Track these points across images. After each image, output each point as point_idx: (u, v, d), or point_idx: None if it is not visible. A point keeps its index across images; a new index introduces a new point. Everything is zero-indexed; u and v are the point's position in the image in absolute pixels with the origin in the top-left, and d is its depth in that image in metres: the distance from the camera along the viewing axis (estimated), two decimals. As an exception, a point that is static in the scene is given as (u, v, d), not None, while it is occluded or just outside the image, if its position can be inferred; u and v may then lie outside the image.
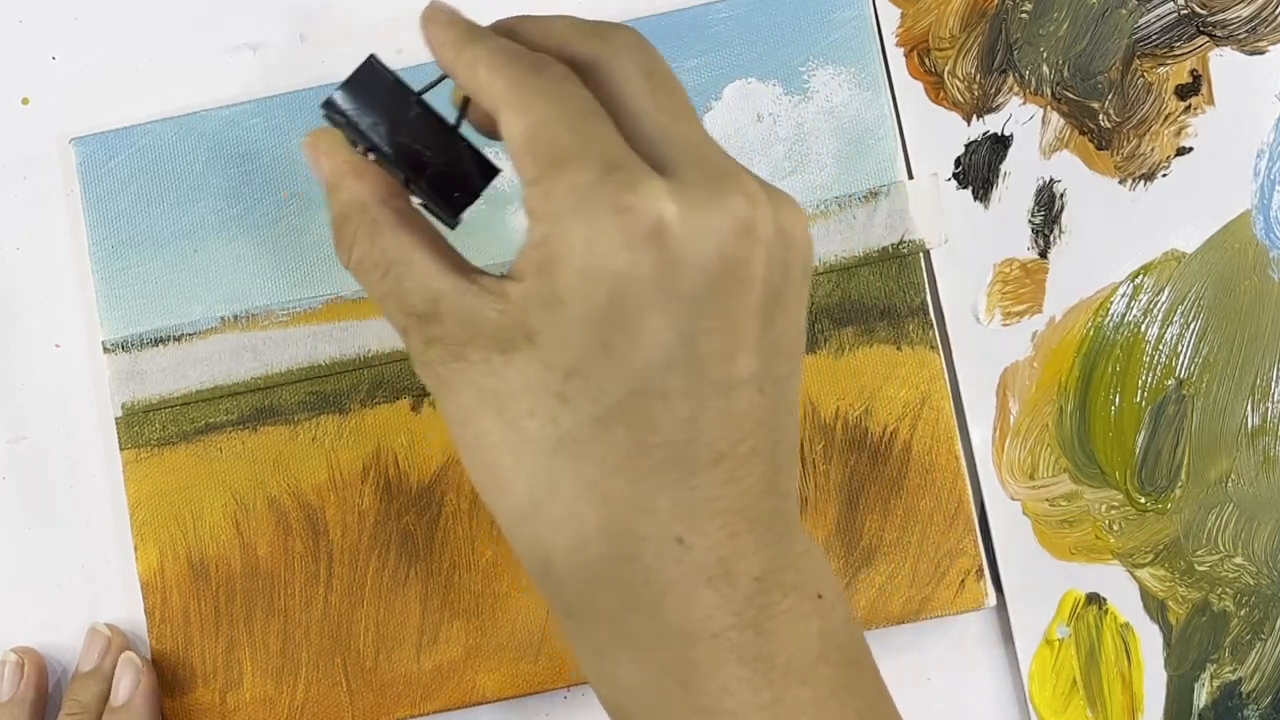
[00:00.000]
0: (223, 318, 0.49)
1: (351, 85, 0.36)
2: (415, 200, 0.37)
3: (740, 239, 0.31)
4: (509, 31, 0.35)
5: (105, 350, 0.49)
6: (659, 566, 0.32)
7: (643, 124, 0.33)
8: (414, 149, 0.36)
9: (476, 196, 0.36)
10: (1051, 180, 0.50)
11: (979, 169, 0.50)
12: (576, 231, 0.31)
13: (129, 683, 0.48)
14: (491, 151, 0.38)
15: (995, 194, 0.50)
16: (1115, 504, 0.49)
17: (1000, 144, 0.50)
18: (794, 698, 0.33)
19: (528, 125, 0.32)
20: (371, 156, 0.36)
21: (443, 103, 0.37)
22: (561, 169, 0.31)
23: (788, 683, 0.33)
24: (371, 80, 0.36)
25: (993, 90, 0.51)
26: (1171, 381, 0.50)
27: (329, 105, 0.36)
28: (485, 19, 0.36)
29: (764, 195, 0.32)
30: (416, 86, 0.36)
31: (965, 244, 0.50)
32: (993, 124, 0.50)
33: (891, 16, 0.51)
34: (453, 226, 0.36)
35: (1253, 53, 0.50)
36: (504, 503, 0.33)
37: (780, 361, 0.33)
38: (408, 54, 0.51)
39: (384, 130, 0.36)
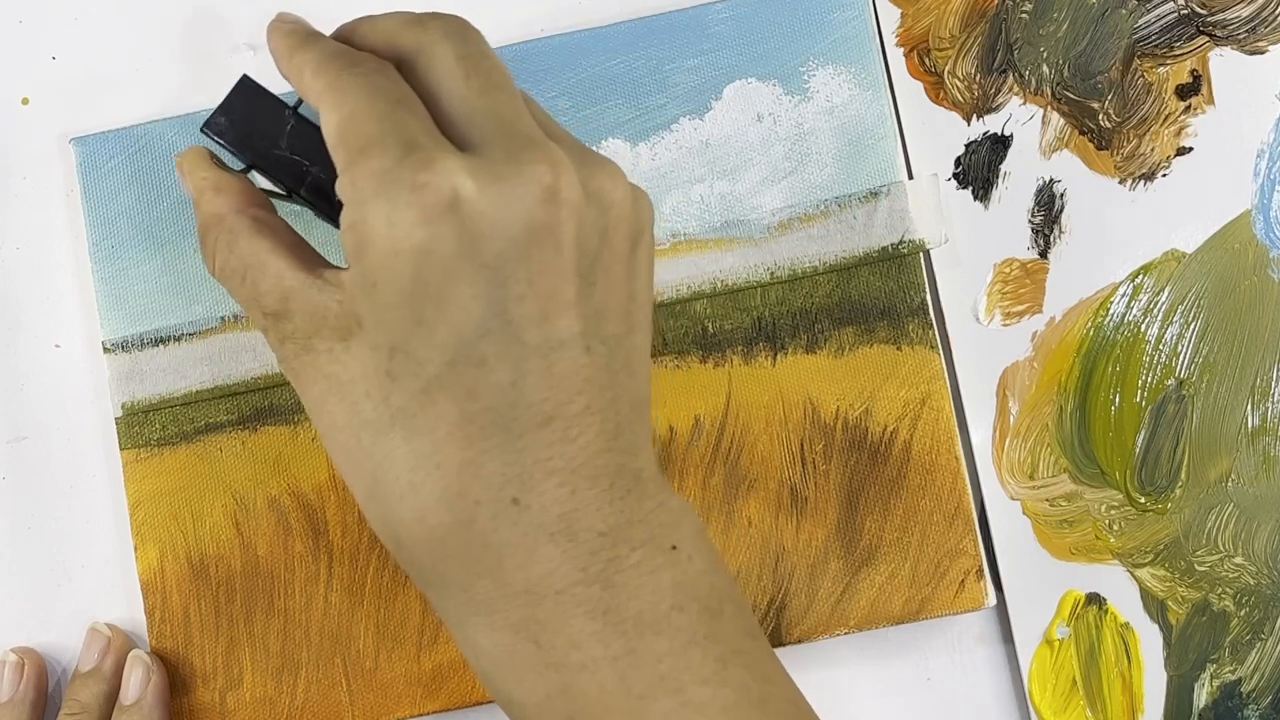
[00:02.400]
0: (223, 318, 0.49)
1: (229, 105, 0.39)
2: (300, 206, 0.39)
3: (544, 205, 0.33)
4: (345, 35, 0.37)
5: (105, 350, 0.49)
6: (495, 528, 0.33)
7: (453, 105, 0.34)
8: (292, 160, 0.38)
9: None
10: (1051, 180, 0.50)
11: (979, 169, 0.50)
12: (378, 213, 0.32)
13: (139, 680, 0.48)
14: None
15: (995, 194, 0.50)
16: (1115, 504, 0.49)
17: (1000, 144, 0.50)
18: (648, 647, 0.34)
19: (339, 119, 0.34)
20: (251, 170, 0.38)
21: None
22: (364, 156, 0.33)
23: (640, 633, 0.34)
24: (248, 98, 0.39)
25: (993, 90, 0.51)
26: (1171, 381, 0.50)
27: (209, 126, 0.39)
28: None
29: (568, 162, 0.34)
30: (293, 101, 0.39)
31: (965, 244, 0.50)
32: (993, 124, 0.51)
33: (891, 16, 0.51)
34: (337, 226, 0.38)
35: (1253, 53, 0.50)
36: (355, 484, 0.35)
37: (608, 322, 0.34)
38: (408, 54, 0.51)
39: (262, 145, 0.38)
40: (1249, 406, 0.49)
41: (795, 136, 0.50)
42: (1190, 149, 0.50)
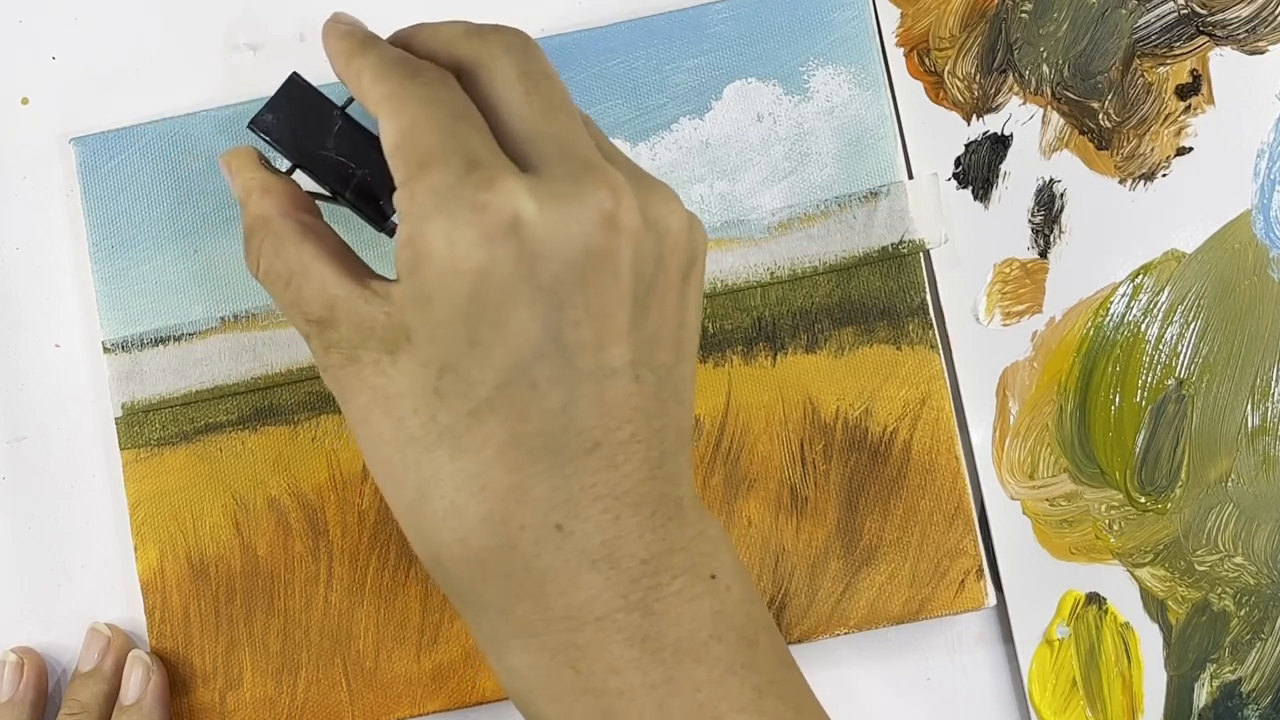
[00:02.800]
0: (223, 318, 0.49)
1: (276, 103, 0.38)
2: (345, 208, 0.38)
3: (603, 231, 0.32)
4: (404, 40, 0.37)
5: (105, 350, 0.49)
6: (539, 553, 0.33)
7: (514, 123, 0.34)
8: (338, 161, 0.37)
9: None
10: (1051, 180, 0.50)
11: (979, 169, 0.50)
12: (437, 230, 0.32)
13: (139, 680, 0.48)
14: None
15: (995, 194, 0.50)
16: (1115, 504, 0.49)
17: (1000, 144, 0.50)
18: (687, 675, 0.34)
19: (399, 129, 0.33)
20: (298, 170, 0.38)
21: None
22: (425, 170, 0.32)
23: (679, 661, 0.34)
24: (296, 97, 0.38)
25: (993, 90, 0.51)
26: (1171, 381, 0.50)
27: (256, 123, 0.38)
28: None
29: (629, 188, 0.33)
30: (341, 100, 0.38)
31: (965, 244, 0.50)
32: (993, 124, 0.51)
33: (891, 16, 0.51)
34: (383, 232, 0.38)
35: (1253, 53, 0.50)
36: (396, 499, 0.34)
37: (659, 351, 0.34)
38: (408, 54, 0.51)
39: (309, 145, 0.38)
40: (1249, 406, 0.49)
41: (795, 136, 0.50)
42: (1190, 149, 0.50)
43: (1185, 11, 0.50)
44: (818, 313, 0.50)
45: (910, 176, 0.50)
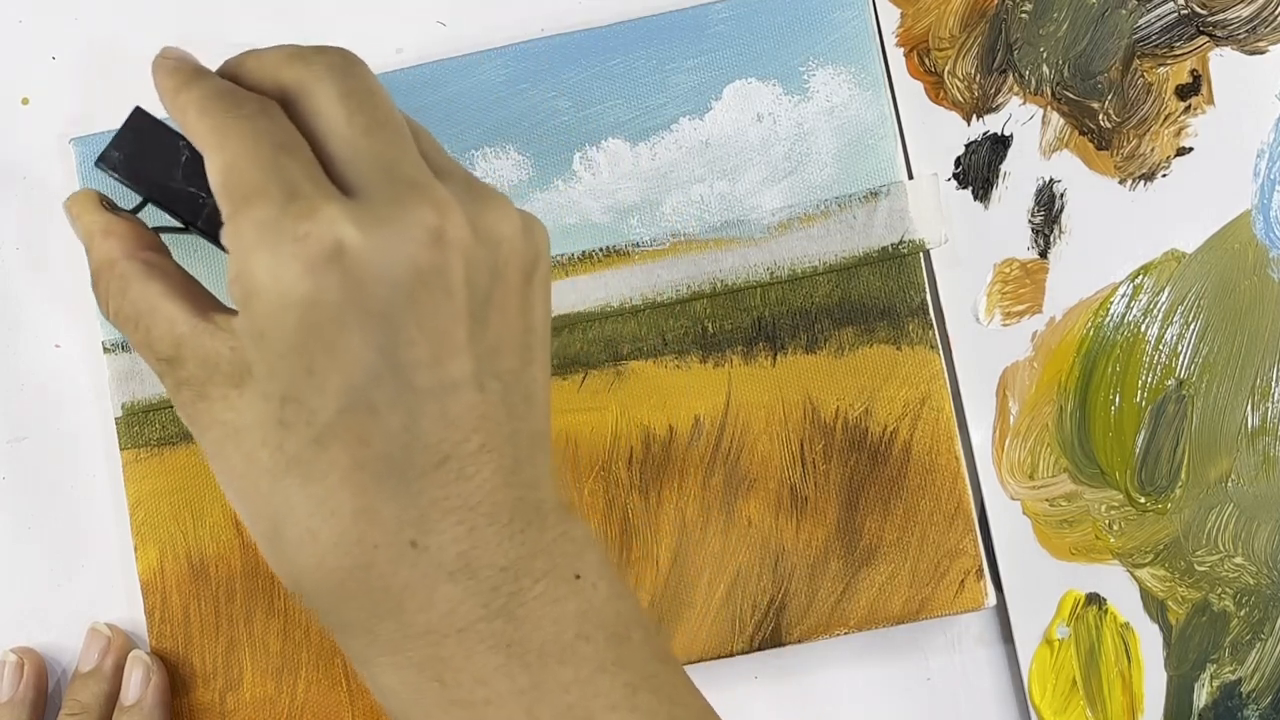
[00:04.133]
0: (223, 318, 0.49)
1: (121, 139, 0.38)
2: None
3: (430, 249, 0.33)
4: (231, 71, 0.36)
5: (105, 350, 0.49)
6: (395, 571, 0.33)
7: (336, 146, 0.34)
8: (188, 192, 0.37)
9: None
10: (1051, 180, 0.50)
11: (979, 169, 0.50)
12: (262, 264, 0.32)
13: (139, 681, 0.48)
14: None
15: (995, 194, 0.50)
16: (1115, 504, 0.49)
17: (1000, 144, 0.50)
18: (554, 678, 0.34)
19: (222, 164, 0.33)
20: (147, 203, 0.38)
21: None
22: (248, 204, 0.32)
23: (545, 664, 0.34)
24: (142, 130, 0.38)
25: (993, 90, 0.51)
26: (1171, 381, 0.50)
27: (103, 160, 0.38)
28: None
29: (455, 202, 0.33)
30: None
31: (965, 244, 0.50)
32: (993, 124, 0.51)
33: (891, 16, 0.51)
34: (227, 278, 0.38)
35: (1253, 53, 0.50)
36: (256, 531, 0.35)
37: (503, 358, 0.34)
38: (407, 53, 0.51)
39: (157, 178, 0.37)
40: (1249, 406, 0.49)
41: (795, 136, 0.50)
42: (1190, 149, 0.50)
43: (1185, 11, 0.50)
44: (818, 313, 0.50)
45: (910, 176, 0.50)
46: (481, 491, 0.34)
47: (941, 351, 0.50)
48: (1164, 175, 0.50)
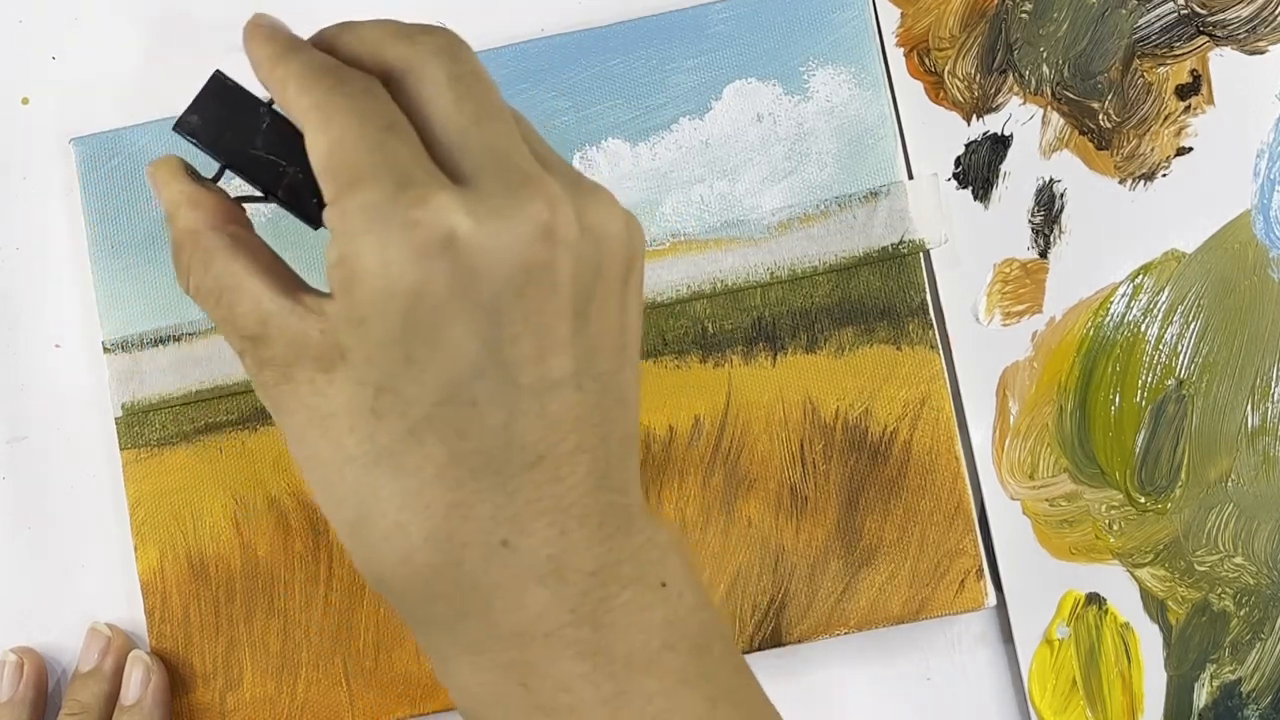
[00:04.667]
0: (223, 318, 0.49)
1: (201, 103, 0.37)
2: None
3: (540, 244, 0.32)
4: (328, 43, 0.35)
5: (105, 350, 0.49)
6: (485, 570, 0.33)
7: (445, 131, 0.33)
8: (268, 160, 0.36)
9: None
10: (1051, 180, 0.50)
11: (979, 169, 0.50)
12: (370, 249, 0.31)
13: (139, 681, 0.48)
14: None
15: (995, 194, 0.50)
16: (1115, 504, 0.49)
17: (1000, 144, 0.50)
18: (638, 688, 0.33)
19: (327, 144, 0.32)
20: (226, 170, 0.37)
21: None
22: (355, 188, 0.31)
23: (630, 674, 0.33)
24: (221, 96, 0.37)
25: (993, 90, 0.51)
26: (1171, 381, 0.50)
27: (181, 126, 0.37)
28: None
29: (565, 197, 0.33)
30: (267, 96, 0.36)
31: (965, 244, 0.50)
32: (993, 124, 0.51)
33: (891, 16, 0.51)
34: (317, 229, 0.37)
35: (1253, 53, 0.50)
36: (338, 520, 0.34)
37: (601, 358, 0.34)
38: (408, 54, 0.51)
39: (237, 145, 0.36)
40: (1249, 406, 0.49)
41: (795, 136, 0.50)
42: (1190, 149, 0.50)
43: (1185, 11, 0.50)
44: (818, 313, 0.50)
45: (910, 176, 0.50)
46: (574, 494, 0.33)
47: (941, 351, 0.50)
48: (1164, 175, 0.50)
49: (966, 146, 0.51)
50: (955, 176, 0.51)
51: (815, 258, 0.49)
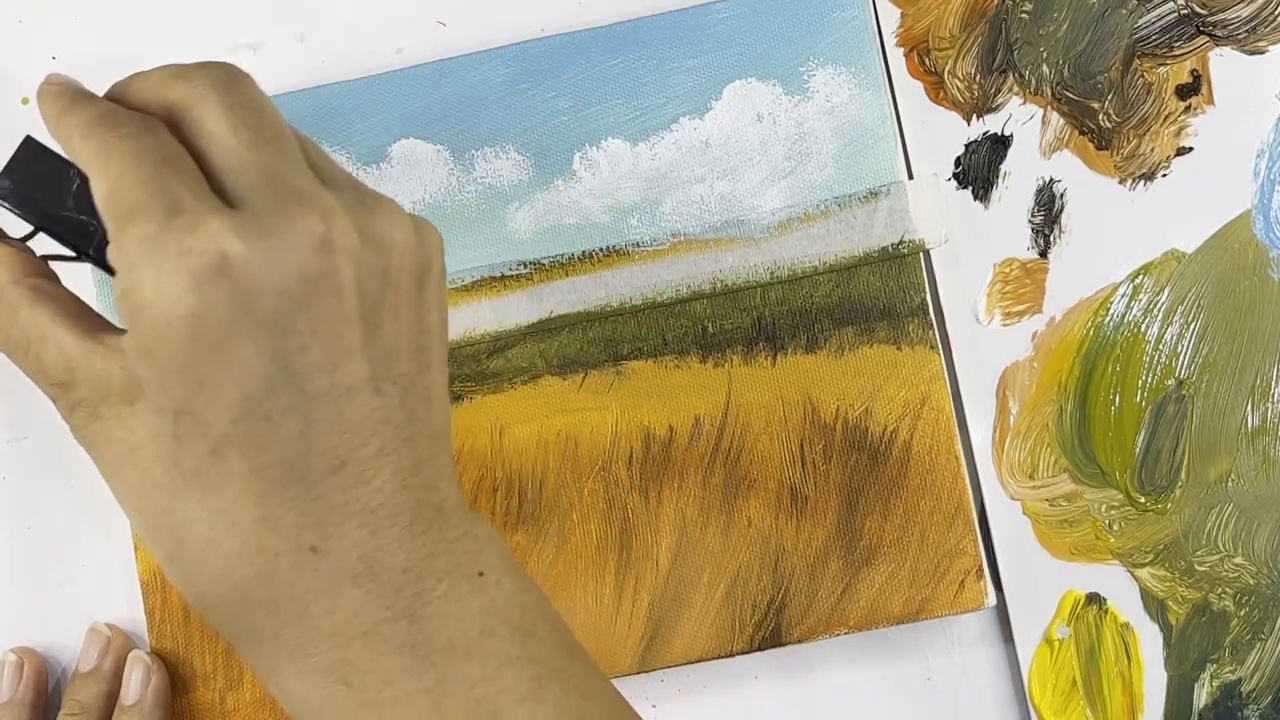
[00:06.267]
0: (223, 318, 0.49)
1: (12, 167, 0.37)
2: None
3: (317, 255, 0.33)
4: (119, 93, 0.37)
5: (105, 350, 0.49)
6: (298, 577, 0.33)
7: (222, 158, 0.34)
8: (79, 220, 0.37)
9: None
10: (1051, 180, 0.50)
11: (979, 169, 0.50)
12: (147, 280, 0.32)
13: (139, 681, 0.48)
14: None
15: (995, 194, 0.50)
16: (1115, 504, 0.49)
17: (1000, 144, 0.50)
18: (459, 674, 0.34)
19: (106, 184, 0.33)
20: (39, 232, 0.37)
21: None
22: (130, 223, 0.32)
23: (450, 661, 0.34)
24: (32, 159, 0.37)
25: (993, 90, 0.51)
26: (1171, 381, 0.50)
27: None
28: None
29: (340, 209, 0.33)
30: None
31: (965, 244, 0.50)
32: (993, 124, 0.51)
33: (891, 16, 0.51)
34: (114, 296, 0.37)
35: (1253, 53, 0.50)
36: (155, 546, 0.35)
37: (399, 361, 0.35)
38: (408, 53, 0.51)
39: (49, 206, 0.37)
40: (1249, 406, 0.49)
41: (795, 136, 0.50)
42: (1190, 149, 0.50)
43: (1185, 11, 0.50)
44: (818, 313, 0.50)
45: (910, 176, 0.50)
46: (382, 494, 0.34)
47: (941, 351, 0.50)
48: (1164, 175, 0.50)
49: (966, 146, 0.51)
50: (955, 176, 0.51)
51: (815, 258, 0.49)
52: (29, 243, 0.38)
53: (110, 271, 0.37)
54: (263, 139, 0.34)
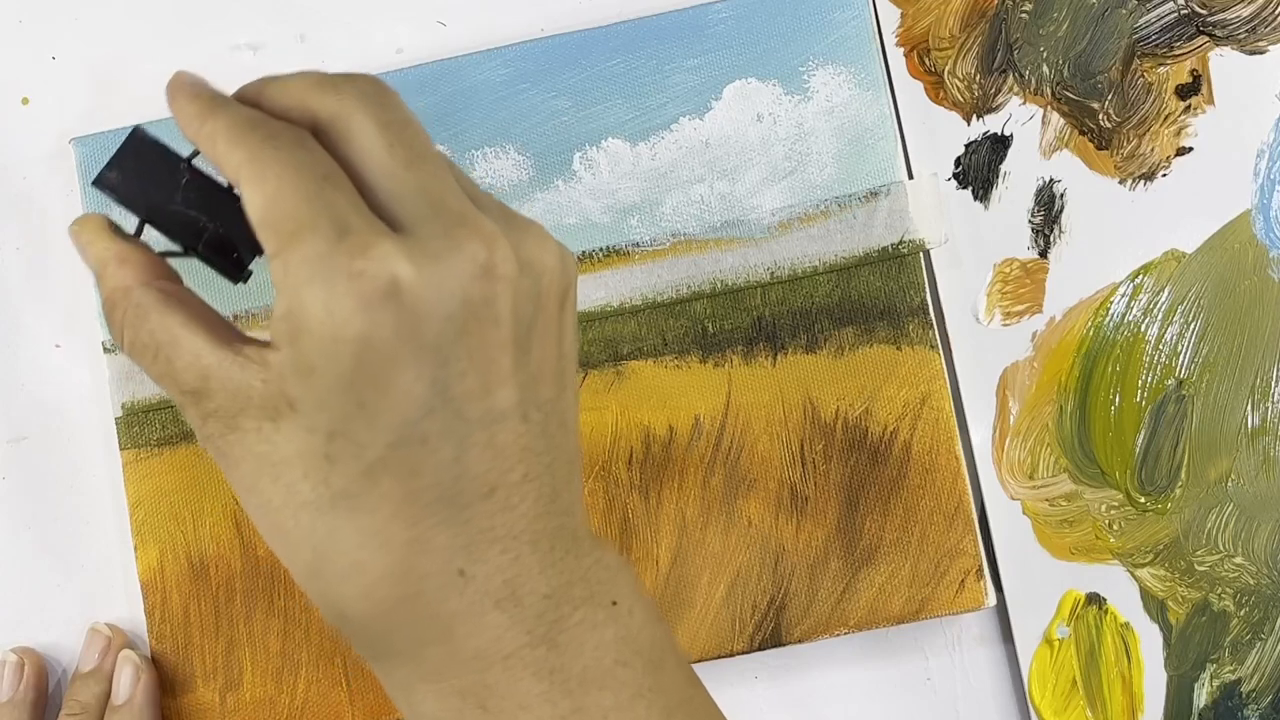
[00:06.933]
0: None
1: (121, 159, 0.37)
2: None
3: (481, 282, 0.33)
4: (254, 97, 0.36)
5: (105, 350, 0.49)
6: (444, 599, 0.33)
7: (378, 177, 0.33)
8: (189, 215, 0.36)
9: (257, 254, 0.36)
10: (1051, 180, 0.50)
11: (979, 169, 0.50)
12: (315, 301, 0.32)
13: (129, 680, 0.48)
14: None
15: (995, 194, 0.50)
16: (1115, 504, 0.49)
17: (1000, 144, 0.50)
18: (594, 703, 0.34)
19: (264, 199, 0.33)
20: (148, 227, 0.37)
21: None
22: (296, 241, 0.32)
23: (586, 690, 0.34)
24: (140, 151, 0.37)
25: (993, 90, 0.51)
26: (1171, 381, 0.50)
27: (100, 182, 0.37)
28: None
29: (501, 235, 0.33)
30: (186, 151, 0.37)
31: (965, 244, 0.50)
32: (993, 124, 0.51)
33: (891, 16, 0.51)
34: (237, 283, 0.37)
35: (1253, 53, 0.50)
36: (295, 564, 0.34)
37: (543, 387, 0.35)
38: (407, 53, 0.51)
39: (157, 200, 0.36)
40: (1249, 406, 0.49)
41: (795, 136, 0.50)
42: (1190, 149, 0.50)
43: (1185, 11, 0.50)
44: (818, 313, 0.50)
45: (910, 176, 0.50)
46: (525, 520, 0.34)
47: (941, 351, 0.50)
48: (1164, 175, 0.50)
49: (966, 146, 0.51)
50: (955, 176, 0.51)
51: (815, 258, 0.49)
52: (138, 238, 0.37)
53: (218, 269, 0.36)
54: (419, 159, 0.34)
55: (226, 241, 0.36)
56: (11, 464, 0.51)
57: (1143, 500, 0.49)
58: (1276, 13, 0.50)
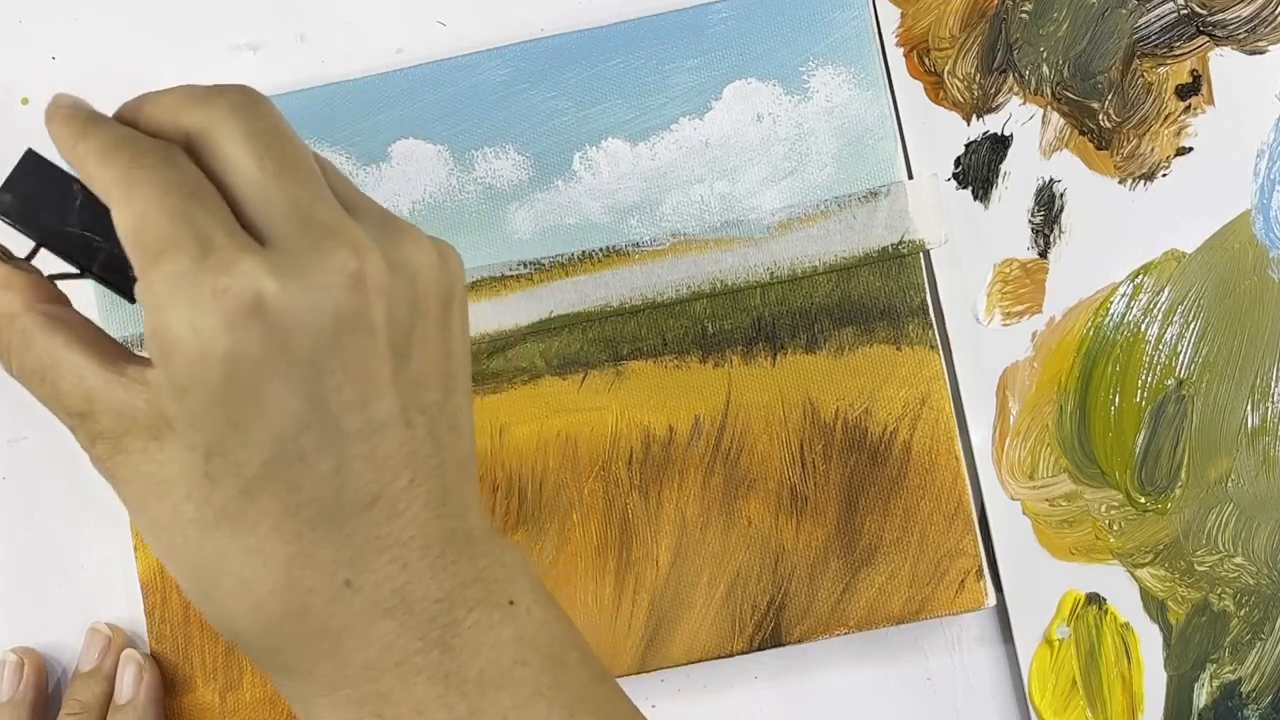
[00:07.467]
0: (223, 318, 0.49)
1: (14, 181, 0.37)
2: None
3: (351, 294, 0.32)
4: (131, 115, 0.36)
5: (105, 350, 0.49)
6: (331, 612, 0.33)
7: (246, 189, 0.33)
8: (82, 236, 0.36)
9: None
10: (1051, 180, 0.50)
11: (979, 169, 0.50)
12: (180, 320, 0.31)
13: (131, 680, 0.48)
14: None
15: (995, 194, 0.50)
16: (1115, 504, 0.49)
17: (1000, 144, 0.50)
18: (492, 704, 0.34)
19: (131, 218, 0.32)
20: (41, 248, 0.36)
21: None
22: (160, 259, 0.32)
23: (483, 691, 0.34)
24: (34, 173, 0.37)
25: (993, 90, 0.51)
26: (1171, 381, 0.50)
27: None
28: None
29: (371, 243, 0.33)
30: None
31: (965, 244, 0.50)
32: (993, 124, 0.51)
33: (891, 16, 0.51)
34: (134, 303, 0.37)
35: (1253, 53, 0.50)
36: (186, 581, 0.34)
37: (427, 391, 0.34)
38: (408, 53, 0.51)
39: (51, 222, 0.36)
40: (1249, 406, 0.49)
41: (795, 136, 0.50)
42: (1190, 149, 0.50)
43: (1185, 11, 0.50)
44: (818, 313, 0.50)
45: (910, 176, 0.50)
46: (413, 526, 0.34)
47: (941, 351, 0.50)
48: (1164, 175, 0.50)
49: (966, 146, 0.51)
50: (955, 176, 0.51)
51: (815, 258, 0.49)
52: (32, 260, 0.37)
53: (113, 289, 0.36)
54: (288, 168, 0.33)
55: (121, 261, 0.35)
56: (11, 464, 0.51)
57: (1143, 500, 0.49)
58: (1276, 13, 0.50)
